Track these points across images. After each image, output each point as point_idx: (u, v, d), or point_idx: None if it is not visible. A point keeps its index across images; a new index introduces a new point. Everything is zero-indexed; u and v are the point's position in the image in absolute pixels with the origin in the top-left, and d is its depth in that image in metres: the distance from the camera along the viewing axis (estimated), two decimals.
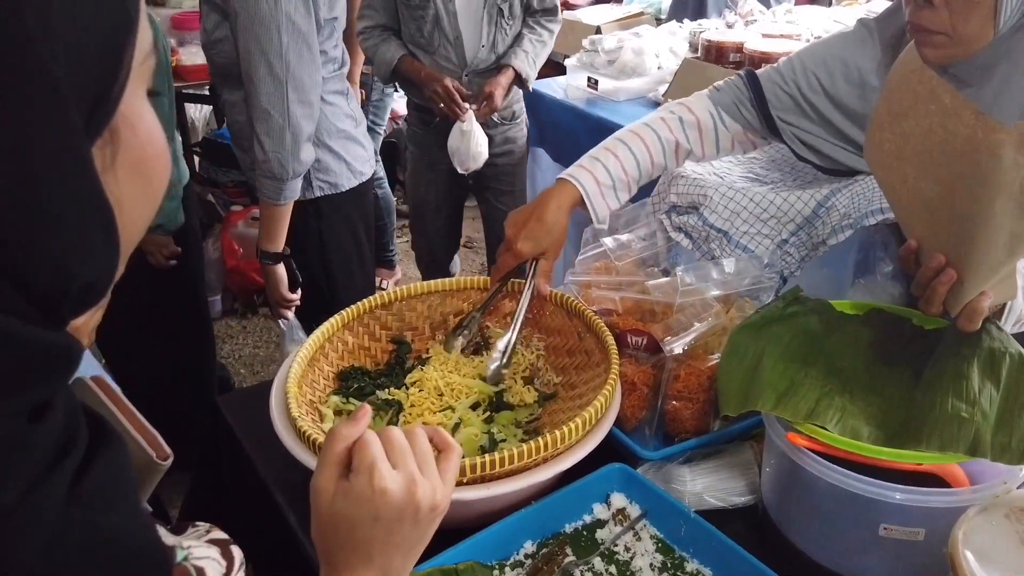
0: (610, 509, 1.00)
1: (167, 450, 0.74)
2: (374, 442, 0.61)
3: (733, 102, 1.24)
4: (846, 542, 0.87)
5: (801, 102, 1.19)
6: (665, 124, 1.24)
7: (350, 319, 1.17)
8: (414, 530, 0.60)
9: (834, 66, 1.17)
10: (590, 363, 1.14)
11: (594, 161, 1.22)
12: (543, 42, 2.33)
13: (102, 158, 0.39)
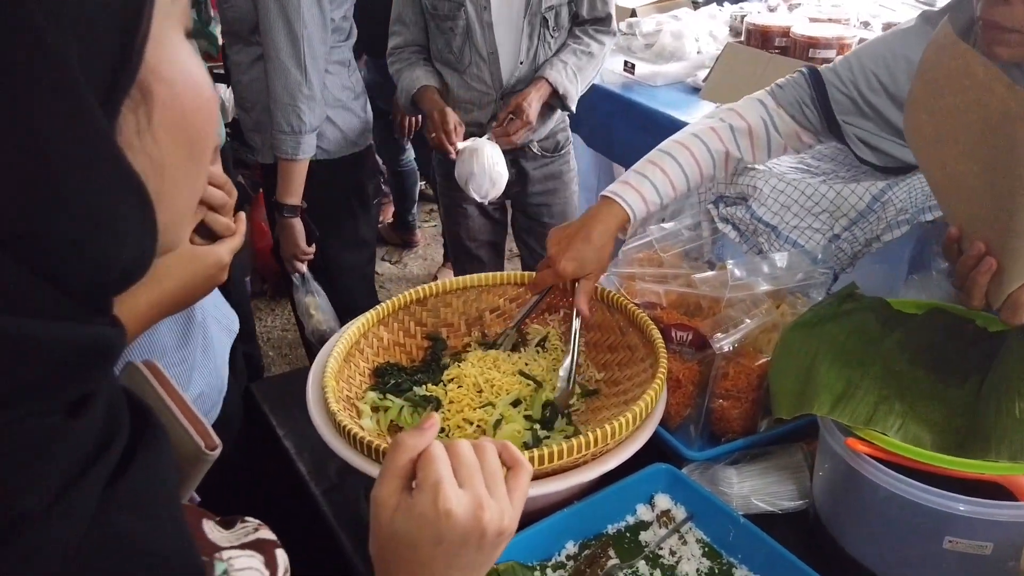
0: (654, 511, 0.97)
1: (216, 440, 0.72)
2: (441, 457, 0.56)
3: (796, 100, 1.18)
4: (907, 554, 0.84)
5: (860, 103, 1.14)
6: (715, 134, 1.18)
7: (385, 315, 1.14)
8: (479, 554, 0.56)
9: (896, 65, 1.11)
10: (634, 359, 1.10)
11: (641, 179, 1.16)
12: (590, 54, 1.91)
13: (135, 121, 0.35)
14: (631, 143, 2.54)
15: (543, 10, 1.83)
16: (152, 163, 0.36)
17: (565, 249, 1.11)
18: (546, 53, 1.91)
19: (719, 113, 1.21)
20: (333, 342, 1.07)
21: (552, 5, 1.84)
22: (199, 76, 0.38)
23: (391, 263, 3.78)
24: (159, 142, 0.36)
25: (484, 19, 1.83)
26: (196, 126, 0.38)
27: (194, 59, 0.38)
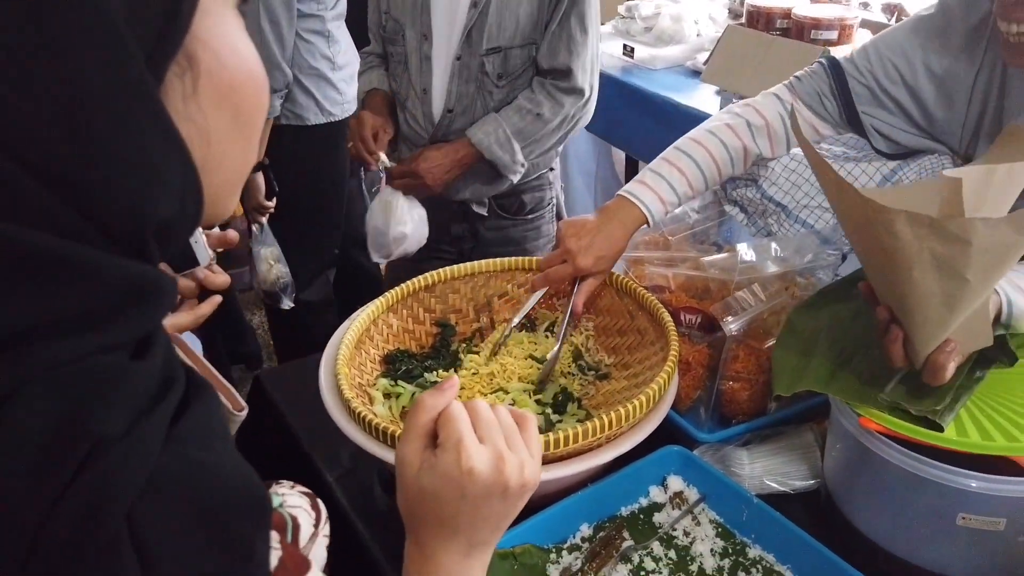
0: (667, 492, 0.97)
1: (242, 402, 0.73)
2: (461, 416, 0.58)
3: (815, 91, 1.16)
4: (920, 531, 0.84)
5: (879, 93, 1.12)
6: (731, 131, 1.16)
7: (394, 302, 1.14)
8: (503, 505, 0.58)
9: (914, 55, 1.10)
10: (644, 342, 1.11)
11: (658, 179, 1.14)
12: (538, 115, 1.52)
13: (181, 87, 0.36)
14: (630, 127, 2.53)
15: (483, 52, 1.49)
16: (198, 130, 0.37)
17: (587, 246, 1.10)
18: (486, 105, 1.55)
19: (736, 108, 1.20)
20: (343, 329, 1.07)
21: (497, 47, 1.48)
22: (246, 50, 0.40)
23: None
24: (204, 111, 0.38)
25: (423, 50, 1.54)
26: (243, 97, 0.40)
27: (242, 33, 0.40)
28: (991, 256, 0.73)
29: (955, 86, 1.09)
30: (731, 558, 0.89)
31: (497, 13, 1.46)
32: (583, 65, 1.52)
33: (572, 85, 1.53)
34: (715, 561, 0.89)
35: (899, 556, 0.86)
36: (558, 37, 1.49)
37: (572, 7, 1.48)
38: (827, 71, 1.16)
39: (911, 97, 1.11)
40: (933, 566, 0.85)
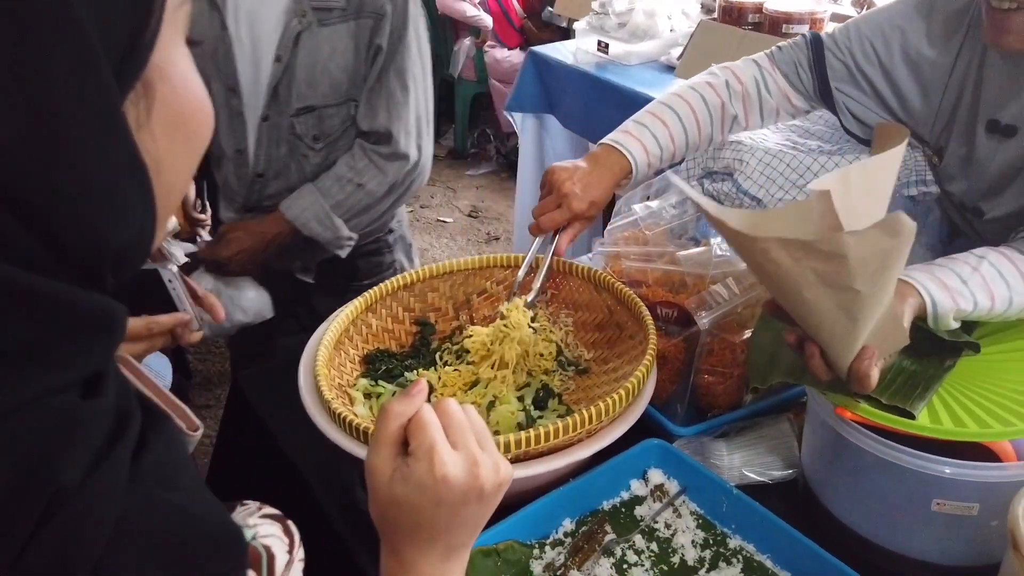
0: (648, 485, 0.98)
1: (196, 421, 0.72)
2: (431, 421, 0.57)
3: (793, 61, 1.18)
4: (896, 517, 0.86)
5: (854, 70, 1.14)
6: (711, 88, 1.18)
7: (373, 301, 1.14)
8: (480, 507, 0.58)
9: (891, 35, 1.12)
10: (622, 336, 1.11)
11: (642, 128, 1.15)
12: (359, 185, 1.37)
13: (136, 114, 0.36)
14: (607, 123, 2.52)
15: (293, 112, 1.33)
16: (150, 158, 0.37)
17: (581, 190, 1.09)
18: (302, 170, 1.38)
19: (715, 69, 1.21)
20: (322, 331, 1.06)
21: (309, 106, 1.32)
22: (196, 81, 0.40)
23: None
24: (156, 138, 0.37)
25: (232, 106, 1.36)
26: (192, 127, 0.40)
27: (192, 65, 0.40)
28: (872, 263, 0.74)
29: (931, 74, 1.11)
30: (712, 549, 0.90)
31: (307, 68, 1.29)
32: (405, 127, 1.36)
33: (394, 151, 1.36)
34: (696, 552, 0.90)
35: (876, 542, 0.88)
36: (377, 95, 1.34)
37: (390, 61, 1.32)
38: (807, 44, 1.17)
39: (885, 79, 1.12)
40: (910, 551, 0.87)
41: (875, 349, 0.80)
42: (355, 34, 1.31)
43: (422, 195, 4.28)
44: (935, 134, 1.15)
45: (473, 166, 4.61)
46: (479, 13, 4.25)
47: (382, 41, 1.31)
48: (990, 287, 0.89)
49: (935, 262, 0.93)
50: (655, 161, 1.15)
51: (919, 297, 0.86)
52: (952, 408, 0.85)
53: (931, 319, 0.87)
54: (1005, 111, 1.05)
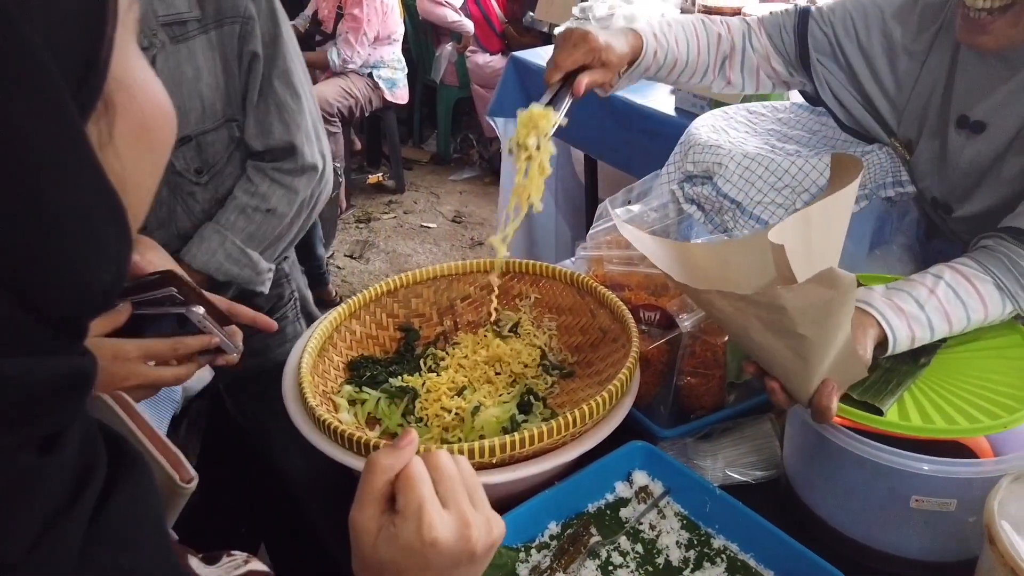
0: (632, 487, 0.99)
1: (191, 472, 0.68)
2: (421, 478, 0.52)
3: (778, 24, 1.21)
4: (877, 514, 0.87)
5: (834, 43, 1.17)
6: (710, 21, 1.21)
7: (356, 308, 1.14)
8: (470, 568, 0.54)
9: (871, 15, 1.14)
10: (606, 340, 1.12)
11: (652, 28, 1.16)
12: (268, 211, 1.23)
13: (98, 133, 0.33)
14: (588, 127, 2.55)
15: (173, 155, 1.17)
16: (116, 178, 0.34)
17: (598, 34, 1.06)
18: (191, 211, 1.23)
19: (705, 18, 1.24)
20: (305, 338, 1.06)
21: (185, 136, 1.17)
22: (155, 85, 0.37)
23: (354, 259, 3.75)
24: (121, 155, 0.34)
25: None
26: (156, 135, 0.37)
27: (148, 69, 0.36)
28: (812, 312, 0.76)
29: (905, 63, 1.13)
30: (696, 549, 0.91)
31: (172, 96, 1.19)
32: (306, 136, 1.24)
33: (300, 164, 1.24)
34: (681, 552, 0.91)
35: (857, 539, 0.89)
36: (265, 108, 1.20)
37: (271, 68, 1.19)
38: (795, 11, 1.20)
39: (863, 58, 1.15)
40: (890, 548, 0.88)
41: (834, 383, 0.82)
42: (220, 45, 1.16)
43: (405, 201, 4.28)
44: (904, 125, 1.17)
45: (456, 171, 4.62)
46: (460, 19, 4.26)
47: (256, 47, 1.18)
48: (946, 309, 0.91)
49: (893, 285, 0.94)
50: (660, 54, 1.15)
51: (878, 327, 0.88)
52: (922, 405, 0.86)
53: (891, 348, 0.89)
54: (975, 108, 1.07)
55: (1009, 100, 1.04)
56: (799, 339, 0.79)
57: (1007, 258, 0.94)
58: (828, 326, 0.80)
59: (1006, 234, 0.96)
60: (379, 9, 3.78)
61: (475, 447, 0.85)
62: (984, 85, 1.06)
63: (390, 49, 3.96)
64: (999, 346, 0.98)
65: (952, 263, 0.95)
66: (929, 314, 0.90)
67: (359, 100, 3.88)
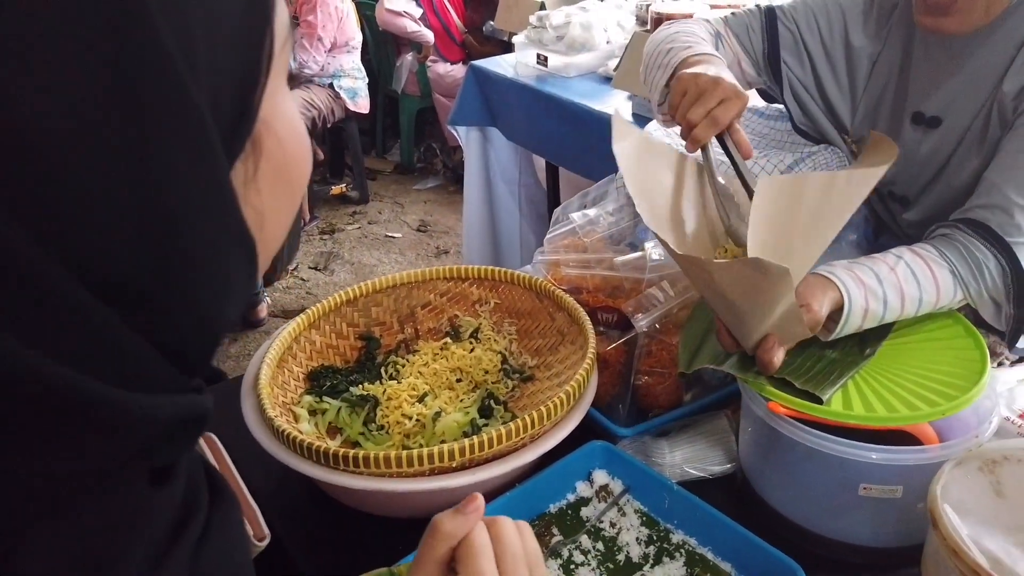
0: (593, 486, 1.00)
1: (265, 530, 0.65)
2: (484, 551, 0.51)
3: (745, 24, 1.23)
4: (827, 503, 0.89)
5: (798, 39, 1.19)
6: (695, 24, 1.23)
7: (315, 318, 1.14)
8: None
9: (834, 16, 1.17)
10: (564, 342, 1.14)
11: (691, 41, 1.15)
12: None
13: (244, 172, 0.34)
14: (548, 134, 2.58)
15: None
16: (255, 213, 0.35)
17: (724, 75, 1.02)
18: None
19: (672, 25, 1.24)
20: (263, 350, 1.06)
21: None
22: (299, 124, 0.38)
23: (318, 271, 3.73)
24: (261, 192, 0.35)
25: None
26: (295, 175, 0.38)
27: (292, 105, 0.37)
28: (742, 286, 0.82)
29: (860, 61, 1.16)
30: (656, 545, 0.93)
31: None
32: None
33: None
34: (641, 549, 0.92)
35: (810, 529, 0.91)
36: None
37: None
38: (760, 10, 1.22)
39: (824, 54, 1.18)
40: (842, 536, 0.90)
41: (776, 338, 0.87)
42: None
43: (370, 211, 4.27)
44: (856, 122, 1.20)
45: (420, 180, 4.62)
46: (420, 29, 4.27)
47: None
48: (902, 287, 0.94)
49: (859, 260, 0.97)
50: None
51: (838, 291, 0.91)
52: (865, 394, 0.89)
53: (844, 315, 0.91)
54: (929, 102, 1.10)
55: (959, 94, 1.07)
56: (730, 303, 0.83)
57: (963, 247, 0.97)
58: (760, 301, 0.83)
59: (963, 224, 0.99)
60: (333, 15, 3.77)
61: (434, 451, 0.86)
62: (935, 79, 1.09)
63: (349, 58, 3.95)
64: (943, 337, 1.01)
65: (912, 247, 0.99)
66: (886, 289, 0.93)
67: (321, 111, 3.87)
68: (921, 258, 0.96)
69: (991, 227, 0.97)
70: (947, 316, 1.02)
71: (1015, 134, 1.00)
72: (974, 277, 0.97)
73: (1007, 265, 0.97)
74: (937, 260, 0.97)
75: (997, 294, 0.98)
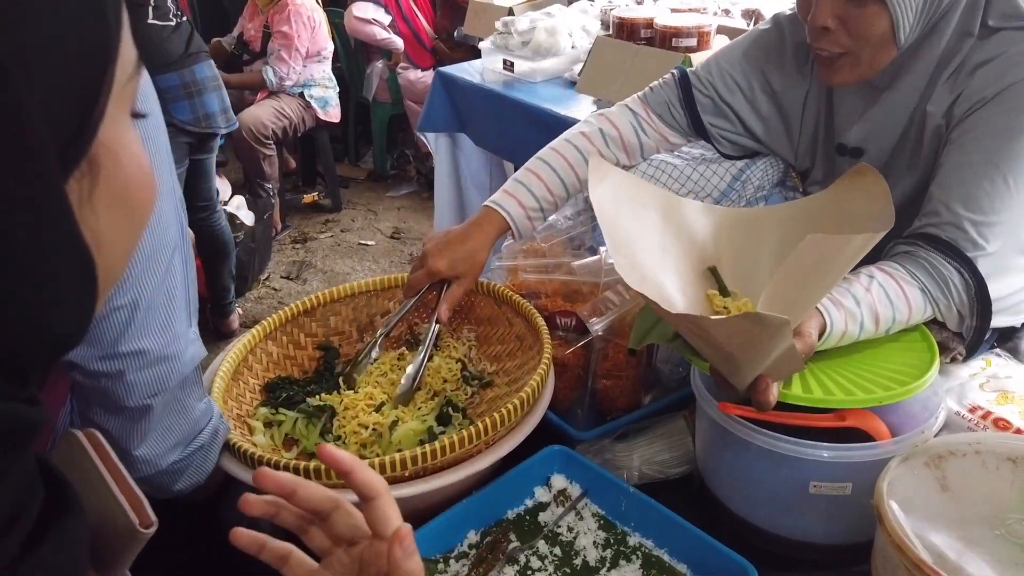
0: (551, 491, 1.00)
1: (152, 517, 0.66)
2: None
3: (665, 102, 1.23)
4: (779, 502, 0.90)
5: (719, 103, 1.20)
6: (586, 138, 1.22)
7: (272, 329, 1.14)
8: None
9: (750, 70, 1.18)
10: (523, 347, 1.14)
11: (518, 186, 1.19)
12: None
13: (79, 191, 0.35)
14: (517, 139, 2.58)
15: None
16: (92, 234, 0.35)
17: (441, 249, 1.13)
18: None
19: (591, 119, 1.26)
20: (218, 362, 1.05)
21: None
22: (141, 155, 0.39)
23: (291, 280, 3.71)
24: (98, 214, 0.36)
25: None
26: (135, 203, 0.39)
27: (136, 138, 0.39)
28: (738, 339, 0.82)
29: (789, 102, 1.18)
30: (613, 548, 0.93)
31: None
32: None
33: None
34: (598, 552, 0.92)
35: (764, 528, 0.92)
36: None
37: None
38: (676, 83, 1.23)
39: (750, 107, 1.19)
40: (796, 534, 0.91)
41: (768, 379, 0.85)
42: None
43: (343, 219, 4.26)
44: (799, 158, 1.22)
45: (394, 187, 4.61)
46: (390, 36, 4.27)
47: None
48: (877, 309, 0.93)
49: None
50: (534, 213, 1.19)
51: (821, 317, 0.90)
52: (823, 382, 0.90)
53: (824, 339, 0.91)
54: (850, 135, 1.12)
55: (878, 124, 1.09)
56: (728, 353, 0.83)
57: (928, 264, 0.97)
58: (759, 351, 0.83)
59: (922, 241, 0.99)
60: (307, 24, 3.76)
61: (386, 461, 0.86)
62: (856, 111, 1.11)
63: (320, 67, 3.94)
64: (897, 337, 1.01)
65: (880, 265, 0.99)
66: (863, 311, 0.93)
67: (292, 120, 3.86)
68: (892, 277, 0.96)
69: (949, 242, 0.98)
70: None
71: (952, 148, 1.01)
72: (943, 293, 0.97)
73: (970, 279, 0.98)
74: (907, 279, 0.97)
75: (963, 307, 0.99)
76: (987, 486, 0.80)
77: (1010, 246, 1.01)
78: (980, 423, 0.98)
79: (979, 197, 0.97)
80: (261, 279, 3.63)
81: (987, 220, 0.97)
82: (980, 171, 0.98)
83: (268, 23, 3.79)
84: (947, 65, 1.03)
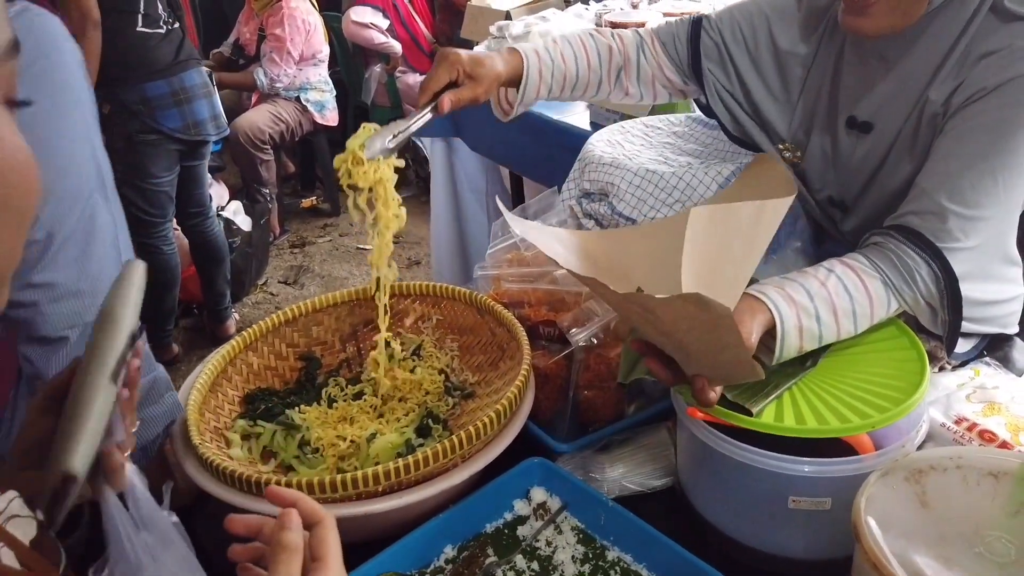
0: (531, 504, 0.99)
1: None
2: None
3: (672, 33, 1.24)
4: (758, 516, 0.89)
5: (723, 50, 1.20)
6: (598, 33, 1.24)
7: (253, 339, 1.13)
8: None
9: (758, 20, 1.18)
10: (504, 357, 1.13)
11: (537, 47, 1.19)
12: None
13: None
14: (510, 144, 2.57)
15: None
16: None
17: (465, 56, 1.10)
18: None
19: (601, 30, 1.27)
20: (195, 375, 1.05)
21: None
22: (12, 141, 0.38)
23: (288, 285, 3.71)
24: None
25: None
26: (12, 192, 0.37)
27: (8, 125, 0.38)
28: (686, 323, 0.80)
29: (792, 67, 1.16)
30: (591, 563, 0.92)
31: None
32: None
33: None
34: (576, 567, 0.91)
35: (745, 543, 0.91)
36: None
37: None
38: (689, 21, 1.23)
39: (751, 64, 1.18)
40: (776, 549, 0.90)
41: (704, 380, 0.85)
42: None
43: (341, 223, 4.25)
44: (792, 128, 1.20)
45: None
46: (387, 40, 4.26)
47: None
48: (834, 302, 0.92)
49: (790, 276, 0.96)
50: (546, 72, 1.18)
51: (768, 313, 0.89)
52: (799, 405, 0.89)
53: (779, 335, 0.90)
54: (861, 107, 1.10)
55: (889, 98, 1.07)
56: (678, 341, 0.82)
57: (894, 255, 0.96)
58: (704, 343, 0.82)
59: (894, 231, 0.99)
60: (301, 28, 3.76)
61: (359, 476, 0.85)
62: (866, 84, 1.09)
63: (316, 71, 3.94)
64: (887, 348, 0.99)
65: (844, 258, 0.98)
66: (818, 305, 0.92)
67: (289, 124, 3.85)
68: (852, 269, 0.96)
69: (922, 233, 0.97)
70: (893, 326, 1.01)
71: (944, 139, 1.00)
72: (907, 284, 0.96)
73: (939, 270, 0.96)
74: (868, 271, 0.96)
75: (932, 300, 0.98)
76: (967, 502, 0.78)
77: (994, 250, 1.00)
78: (965, 435, 0.97)
79: (964, 189, 0.96)
80: (258, 284, 3.62)
81: (969, 214, 0.96)
82: (969, 163, 0.96)
83: (263, 26, 3.79)
84: (956, 47, 1.00)
